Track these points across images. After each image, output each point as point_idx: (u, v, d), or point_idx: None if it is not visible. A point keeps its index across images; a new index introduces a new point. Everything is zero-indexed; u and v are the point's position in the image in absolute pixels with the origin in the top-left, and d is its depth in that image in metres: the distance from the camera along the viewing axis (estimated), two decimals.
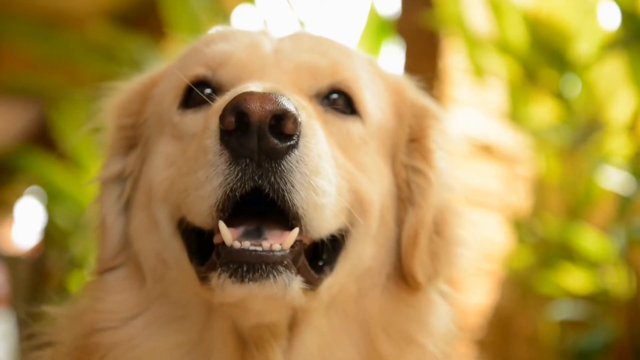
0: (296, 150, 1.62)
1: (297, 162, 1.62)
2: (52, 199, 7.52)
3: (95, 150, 2.14)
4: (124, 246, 1.96)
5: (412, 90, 2.07)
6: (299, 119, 1.62)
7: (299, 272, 1.64)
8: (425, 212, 1.93)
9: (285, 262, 1.61)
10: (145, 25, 7.75)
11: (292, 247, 1.63)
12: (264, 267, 1.59)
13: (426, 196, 1.94)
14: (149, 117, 1.99)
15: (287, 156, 1.61)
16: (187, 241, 1.78)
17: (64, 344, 1.91)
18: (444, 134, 2.02)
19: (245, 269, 1.59)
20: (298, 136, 1.62)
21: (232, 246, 1.61)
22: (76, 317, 1.92)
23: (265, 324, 1.75)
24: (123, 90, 2.05)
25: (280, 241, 1.62)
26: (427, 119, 2.01)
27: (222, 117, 1.60)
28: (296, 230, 1.63)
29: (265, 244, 1.61)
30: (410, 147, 1.99)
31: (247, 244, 1.61)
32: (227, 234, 1.61)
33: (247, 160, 1.60)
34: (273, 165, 1.60)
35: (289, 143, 1.61)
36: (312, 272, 1.71)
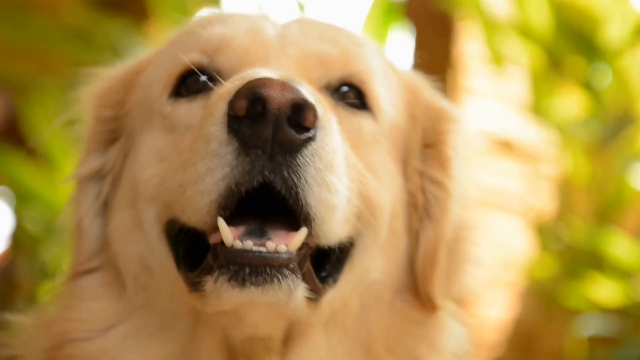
0: (313, 144, 1.63)
1: (312, 156, 1.62)
2: (21, 201, 7.52)
3: (70, 146, 2.14)
4: (101, 249, 1.96)
5: (428, 90, 2.07)
6: (319, 111, 1.63)
7: (304, 278, 1.64)
8: (444, 228, 1.94)
9: (291, 266, 1.61)
10: (126, 7, 7.76)
11: (298, 249, 1.63)
12: (268, 270, 1.59)
13: (445, 210, 1.95)
14: (133, 108, 1.98)
15: (304, 149, 1.62)
16: (175, 244, 1.78)
17: (31, 357, 1.90)
18: (463, 140, 2.02)
19: (247, 271, 1.58)
20: (315, 129, 1.63)
21: (232, 246, 1.60)
22: (45, 326, 1.91)
23: (259, 337, 1.75)
24: (103, 78, 2.04)
25: (286, 242, 1.62)
26: (444, 123, 2.01)
27: (233, 102, 1.60)
28: (304, 230, 1.63)
29: (270, 245, 1.61)
30: (426, 153, 2.00)
31: (249, 244, 1.60)
32: (228, 233, 1.61)
33: (259, 152, 1.59)
34: (287, 158, 1.60)
35: (307, 135, 1.62)
36: (317, 280, 1.71)
